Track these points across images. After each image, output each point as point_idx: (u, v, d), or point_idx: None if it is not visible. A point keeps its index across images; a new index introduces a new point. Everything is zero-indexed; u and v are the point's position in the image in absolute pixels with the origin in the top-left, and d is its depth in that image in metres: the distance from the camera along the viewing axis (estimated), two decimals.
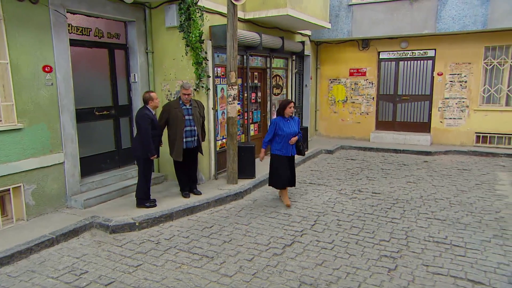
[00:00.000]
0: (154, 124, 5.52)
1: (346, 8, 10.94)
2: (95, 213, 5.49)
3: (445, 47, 10.38)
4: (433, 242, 4.66)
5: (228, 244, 4.67)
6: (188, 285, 3.75)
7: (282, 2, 7.61)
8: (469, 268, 4.00)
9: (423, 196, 6.46)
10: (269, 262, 4.20)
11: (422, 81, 11.04)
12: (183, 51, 6.60)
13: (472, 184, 7.14)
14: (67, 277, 3.94)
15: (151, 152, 5.47)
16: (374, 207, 5.94)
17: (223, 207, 6.00)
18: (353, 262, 4.19)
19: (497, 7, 8.89)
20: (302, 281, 3.79)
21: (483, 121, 10.18)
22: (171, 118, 5.86)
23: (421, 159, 9.52)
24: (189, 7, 6.28)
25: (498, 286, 3.66)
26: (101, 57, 6.49)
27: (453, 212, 5.67)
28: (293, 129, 5.80)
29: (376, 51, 11.43)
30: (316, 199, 6.40)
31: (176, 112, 5.83)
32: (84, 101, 6.22)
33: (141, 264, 4.22)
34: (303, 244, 4.65)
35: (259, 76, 9.08)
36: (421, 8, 9.90)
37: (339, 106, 12.24)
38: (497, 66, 9.87)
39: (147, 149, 5.44)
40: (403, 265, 4.11)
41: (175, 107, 5.88)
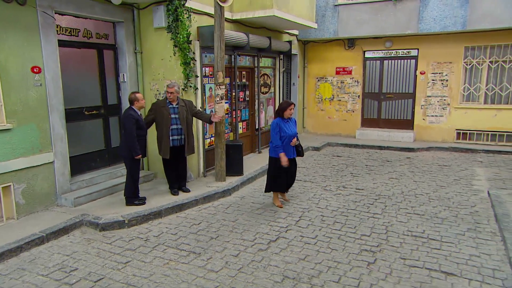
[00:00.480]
0: (140, 124, 5.54)
1: (332, 8, 11.03)
2: (85, 211, 5.52)
3: (427, 47, 10.55)
4: (411, 236, 4.79)
5: (215, 240, 4.75)
6: (175, 281, 3.82)
7: (269, 3, 7.67)
8: (443, 261, 4.14)
9: (404, 192, 6.60)
10: (254, 257, 4.29)
11: (406, 79, 11.21)
12: (171, 51, 6.62)
13: (451, 180, 7.32)
14: (57, 275, 3.98)
15: (135, 152, 5.48)
16: (357, 203, 6.07)
17: (211, 204, 6.07)
18: (335, 256, 4.30)
19: (476, 9, 9.08)
20: (285, 275, 3.89)
21: (463, 118, 10.39)
22: (158, 116, 5.93)
23: (404, 155, 9.69)
24: (176, 9, 6.30)
25: (468, 277, 3.80)
26: (90, 58, 6.48)
27: (432, 207, 5.82)
28: (293, 131, 5.66)
29: (362, 50, 11.55)
30: (301, 195, 6.51)
31: (163, 110, 5.90)
32: (74, 101, 6.21)
33: (130, 261, 4.27)
34: (288, 239, 4.75)
35: (247, 75, 9.13)
36: (404, 9, 10.04)
37: (326, 104, 12.36)
38: (476, 65, 10.07)
39: (132, 149, 5.48)
40: (382, 258, 4.23)
41: (162, 105, 5.96)
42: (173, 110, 5.97)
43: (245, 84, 9.09)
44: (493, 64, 9.87)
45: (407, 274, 3.89)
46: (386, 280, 3.78)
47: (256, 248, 4.52)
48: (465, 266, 4.01)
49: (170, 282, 3.80)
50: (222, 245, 4.60)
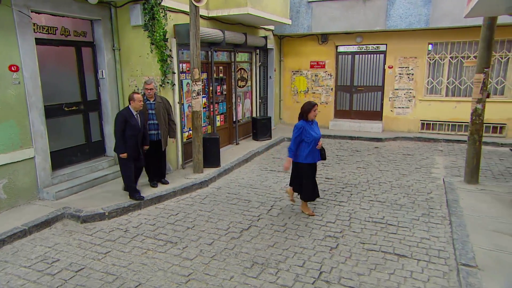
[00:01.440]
0: (131, 124, 5.43)
1: (306, 5, 11.14)
2: (66, 204, 5.57)
3: (394, 43, 10.82)
4: (371, 222, 5.06)
5: (191, 230, 4.91)
6: (152, 269, 3.97)
7: (243, 2, 7.73)
8: (397, 244, 4.42)
9: (369, 180, 6.89)
10: (227, 245, 4.47)
11: (375, 73, 11.49)
12: (149, 49, 6.64)
13: (413, 168, 7.66)
14: (39, 266, 4.07)
15: (119, 150, 5.48)
16: (326, 192, 6.31)
17: (188, 195, 6.20)
18: (301, 242, 4.52)
19: (437, 8, 9.37)
20: (255, 261, 4.09)
21: (427, 110, 10.77)
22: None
23: (373, 145, 10.01)
24: (152, 7, 6.30)
25: (417, 258, 4.10)
26: (68, 55, 6.43)
27: (393, 195, 6.12)
28: (319, 133, 5.18)
29: (334, 45, 11.74)
30: (274, 185, 6.71)
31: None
32: (53, 98, 6.18)
33: (110, 251, 4.38)
34: (259, 227, 4.94)
35: (224, 70, 9.20)
36: (373, 6, 10.25)
37: (301, 96, 12.55)
38: (439, 60, 10.42)
39: (116, 147, 5.51)
40: (343, 243, 4.48)
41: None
42: (150, 106, 6.03)
43: (222, 79, 9.17)
44: (453, 59, 10.24)
45: (364, 257, 4.15)
46: (346, 263, 4.03)
47: (229, 236, 4.70)
48: (416, 248, 4.31)
49: (147, 270, 3.95)
50: (198, 234, 4.76)
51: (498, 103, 9.68)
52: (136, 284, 3.70)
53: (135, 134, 5.55)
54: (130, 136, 5.47)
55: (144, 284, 3.69)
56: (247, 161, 8.29)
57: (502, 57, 9.73)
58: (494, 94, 9.91)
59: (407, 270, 3.88)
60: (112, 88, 6.97)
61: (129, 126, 5.42)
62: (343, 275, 3.79)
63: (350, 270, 3.89)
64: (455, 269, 3.80)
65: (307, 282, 3.67)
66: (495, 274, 3.59)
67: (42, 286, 3.70)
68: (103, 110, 7.06)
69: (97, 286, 3.68)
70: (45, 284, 3.73)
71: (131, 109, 5.47)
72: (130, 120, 5.44)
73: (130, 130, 5.45)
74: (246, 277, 3.78)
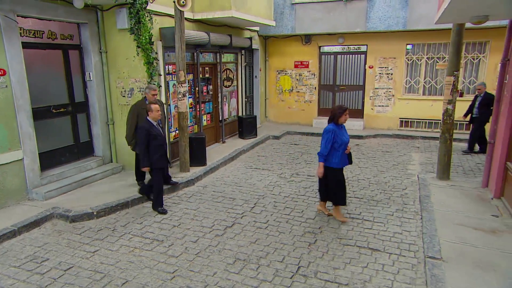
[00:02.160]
0: (153, 134, 5.21)
1: (290, 7, 11.23)
2: (56, 204, 5.59)
3: (374, 44, 11.01)
4: (349, 218, 5.23)
5: (177, 228, 5.00)
6: (139, 266, 4.06)
7: (227, 5, 7.78)
8: (372, 238, 4.60)
9: (348, 178, 7.06)
10: (211, 242, 4.58)
11: (357, 73, 11.68)
12: (135, 51, 6.65)
13: (390, 165, 7.87)
14: (29, 265, 4.11)
15: (143, 163, 5.25)
16: (307, 189, 6.46)
17: (175, 194, 6.28)
18: (282, 239, 4.66)
19: (414, 11, 9.58)
20: (237, 258, 4.21)
21: (406, 108, 11.02)
22: (140, 117, 5.76)
23: (354, 142, 10.18)
24: (138, 12, 6.31)
25: (389, 251, 4.27)
26: (55, 58, 6.41)
27: (370, 191, 6.31)
28: (348, 137, 4.98)
29: (317, 46, 11.88)
30: (259, 183, 6.83)
31: (143, 112, 5.68)
32: (41, 100, 6.17)
33: (98, 250, 4.45)
34: (242, 225, 5.06)
35: (210, 71, 9.25)
36: (354, 9, 10.40)
37: (286, 95, 12.67)
38: (416, 61, 10.67)
39: (142, 161, 5.28)
40: (321, 239, 4.63)
41: (142, 107, 5.79)
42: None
43: (209, 79, 9.22)
44: (430, 60, 10.49)
45: (340, 252, 4.31)
46: (323, 258, 4.18)
47: (214, 234, 4.81)
48: (388, 243, 4.49)
49: (134, 268, 4.03)
50: (183, 232, 4.86)
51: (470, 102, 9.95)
52: (123, 281, 3.79)
53: (161, 143, 5.35)
54: (156, 146, 5.25)
55: (131, 282, 3.78)
56: (233, 159, 8.39)
57: (474, 58, 10.01)
58: (467, 93, 10.20)
59: (379, 263, 4.05)
60: (99, 89, 6.97)
61: (152, 137, 5.19)
62: (320, 269, 3.94)
63: (327, 265, 4.04)
64: (423, 262, 3.99)
65: (285, 277, 3.81)
66: (457, 265, 3.79)
67: (31, 285, 3.75)
68: (91, 111, 7.06)
69: (85, 284, 3.75)
70: (35, 283, 3.78)
71: (150, 120, 5.28)
72: (152, 131, 5.21)
73: (155, 140, 5.23)
74: (229, 273, 3.90)
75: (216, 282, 3.74)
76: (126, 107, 7.05)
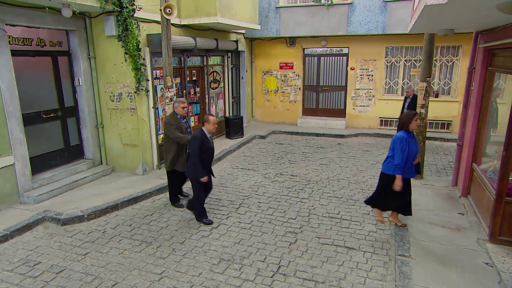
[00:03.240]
0: (207, 146, 4.97)
1: (274, 10, 11.33)
2: (47, 207, 5.64)
3: (356, 46, 11.21)
4: (328, 218, 5.42)
5: (165, 229, 5.11)
6: (128, 268, 4.17)
7: (213, 11, 7.84)
8: (348, 237, 4.80)
9: (329, 177, 7.26)
10: (197, 243, 4.71)
11: (339, 74, 11.88)
12: (123, 58, 6.68)
13: (369, 164, 8.09)
14: (22, 269, 4.18)
15: (199, 175, 4.95)
16: (290, 189, 6.63)
17: (163, 195, 6.37)
18: (264, 239, 4.82)
19: (392, 16, 9.80)
20: (222, 258, 4.35)
21: (385, 108, 11.27)
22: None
23: (336, 141, 10.41)
24: (126, 19, 6.34)
25: (364, 250, 4.48)
26: (45, 64, 6.40)
27: (349, 190, 6.51)
28: (417, 147, 4.60)
29: (301, 48, 12.02)
30: (244, 183, 6.96)
31: (182, 126, 5.50)
32: (31, 106, 6.18)
33: (89, 252, 4.54)
34: (227, 225, 5.21)
35: (197, 73, 9.31)
36: (335, 13, 10.56)
37: (271, 95, 12.81)
38: (394, 63, 10.91)
39: (194, 172, 4.99)
40: (301, 238, 4.81)
41: (178, 121, 5.51)
42: (186, 124, 5.65)
43: (196, 81, 9.29)
44: (407, 62, 10.74)
45: (319, 251, 4.49)
46: (302, 257, 4.36)
47: (200, 235, 4.94)
48: (363, 241, 4.69)
49: (123, 270, 4.14)
50: (171, 234, 4.97)
51: (445, 102, 10.29)
52: (113, 283, 3.90)
53: (210, 156, 5.13)
54: (205, 158, 5.00)
55: (120, 283, 3.89)
56: (220, 160, 8.51)
57: (448, 61, 10.30)
58: (442, 94, 10.50)
59: (354, 261, 4.25)
60: (88, 94, 6.99)
61: (204, 149, 4.94)
62: (299, 268, 4.12)
63: (305, 263, 4.22)
64: (394, 259, 4.20)
65: (266, 276, 3.98)
66: (423, 262, 4.01)
67: None
68: (81, 116, 7.08)
69: (77, 286, 3.85)
70: (27, 286, 3.86)
71: (205, 131, 4.98)
72: (206, 143, 4.95)
73: (205, 152, 4.98)
74: (213, 273, 4.04)
75: (201, 282, 3.89)
76: (115, 111, 7.10)
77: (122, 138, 7.16)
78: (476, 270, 3.87)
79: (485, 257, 4.11)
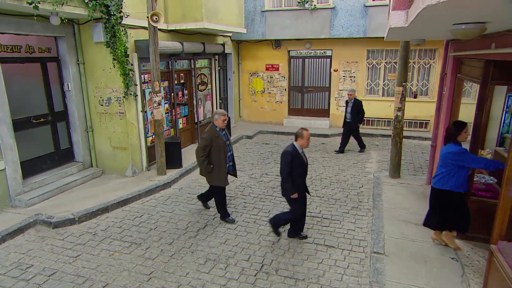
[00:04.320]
0: (298, 162, 4.53)
1: (260, 14, 11.42)
2: (38, 210, 5.67)
3: (339, 49, 11.39)
4: (310, 217, 5.58)
5: (154, 231, 5.21)
6: (118, 269, 4.27)
7: (199, 17, 7.90)
8: (328, 236, 4.98)
9: (312, 177, 7.43)
10: (185, 244, 4.83)
11: (323, 75, 12.06)
12: (111, 63, 6.71)
13: (351, 163, 8.30)
14: (14, 272, 4.24)
15: (289, 192, 4.55)
16: (274, 189, 6.78)
17: (152, 197, 6.46)
18: (249, 238, 4.96)
19: (373, 21, 10.00)
20: (208, 258, 4.49)
21: (367, 108, 11.27)
22: (214, 146, 5.03)
23: (320, 141, 10.60)
24: (113, 26, 6.36)
25: (342, 247, 4.66)
26: (34, 70, 6.39)
27: (331, 190, 6.70)
28: None
29: (287, 50, 12.15)
30: (231, 184, 7.06)
31: (218, 140, 5.04)
32: (21, 112, 6.18)
33: (80, 254, 4.62)
34: (214, 226, 5.33)
35: (184, 76, 9.37)
36: (319, 17, 10.71)
37: (258, 96, 12.93)
38: (376, 65, 11.14)
39: (284, 189, 4.60)
40: (284, 238, 4.96)
41: (216, 135, 5.03)
42: (225, 137, 5.20)
43: (184, 84, 9.34)
44: (388, 64, 10.98)
45: (300, 249, 4.66)
46: (284, 256, 4.52)
47: (187, 235, 5.06)
48: (342, 239, 4.88)
49: (114, 271, 4.24)
50: (159, 235, 5.08)
51: (423, 103, 10.57)
52: (104, 284, 4.00)
53: (303, 173, 4.67)
54: (298, 174, 4.59)
55: (111, 284, 3.99)
56: None
57: (426, 64, 10.57)
58: (421, 94, 10.78)
59: (332, 259, 4.43)
60: (78, 99, 7.01)
61: (296, 165, 4.51)
62: (281, 266, 4.28)
63: (287, 262, 4.38)
64: (369, 256, 4.40)
65: (250, 275, 4.13)
66: (396, 259, 4.22)
67: None
68: (70, 120, 7.09)
69: None
70: None
71: (297, 147, 4.55)
72: (297, 159, 4.52)
73: (298, 168, 4.55)
74: (200, 273, 4.17)
75: (188, 282, 4.02)
76: (104, 115, 7.13)
77: (112, 141, 7.21)
78: (443, 265, 4.09)
79: (452, 252, 4.34)
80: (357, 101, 8.77)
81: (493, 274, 3.19)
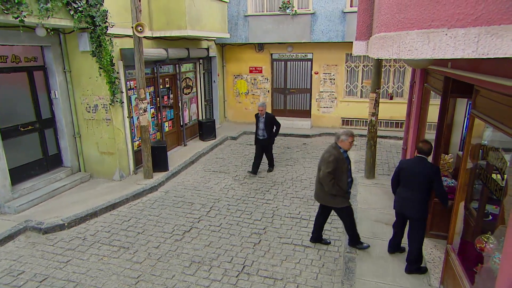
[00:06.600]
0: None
1: (243, 18, 11.54)
2: (28, 216, 5.73)
3: (319, 52, 11.63)
4: (290, 218, 5.82)
5: (141, 235, 5.35)
6: (107, 274, 4.41)
7: (183, 24, 7.98)
8: (306, 236, 5.22)
9: (293, 178, 7.66)
10: (171, 247, 5.00)
11: (304, 77, 12.29)
12: (97, 72, 6.76)
13: None
14: (5, 279, 4.33)
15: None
16: (257, 190, 6.99)
17: (140, 200, 6.58)
18: (232, 240, 5.16)
19: (351, 26, 10.24)
20: (193, 261, 4.67)
21: (346, 109, 11.82)
22: (338, 168, 4.42)
23: (302, 141, 10.84)
24: (99, 36, 6.41)
25: (318, 247, 4.91)
26: (21, 80, 6.39)
27: (310, 191, 6.94)
28: None
29: (269, 53, 12.31)
30: (215, 186, 7.26)
31: (342, 165, 4.43)
32: (9, 120, 6.19)
33: (70, 260, 4.73)
34: (199, 229, 5.51)
35: (170, 81, 9.44)
36: (300, 22, 10.90)
37: (242, 97, 13.08)
38: (354, 68, 11.43)
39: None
40: (265, 239, 5.19)
41: (340, 158, 4.43)
42: (348, 160, 4.54)
43: (169, 88, 9.42)
44: (365, 67, 11.29)
45: (279, 250, 4.89)
46: (265, 256, 4.74)
47: (173, 239, 5.22)
48: None
49: (103, 275, 4.38)
50: (147, 239, 5.23)
51: (399, 104, 10.92)
52: None
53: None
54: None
55: None
56: (193, 163, 8.74)
57: (401, 67, 10.92)
58: (396, 96, 11.13)
59: (309, 258, 4.67)
60: (65, 106, 7.03)
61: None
62: (261, 267, 4.50)
63: (267, 262, 4.60)
64: (343, 255, 4.66)
65: (232, 276, 4.33)
66: (367, 257, 4.49)
67: None
68: (58, 126, 7.12)
69: None
70: None
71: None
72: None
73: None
74: (185, 275, 4.36)
75: (174, 284, 4.19)
76: (91, 121, 7.18)
77: (99, 146, 7.27)
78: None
79: None
80: (269, 115, 7.55)
81: (447, 271, 3.48)
